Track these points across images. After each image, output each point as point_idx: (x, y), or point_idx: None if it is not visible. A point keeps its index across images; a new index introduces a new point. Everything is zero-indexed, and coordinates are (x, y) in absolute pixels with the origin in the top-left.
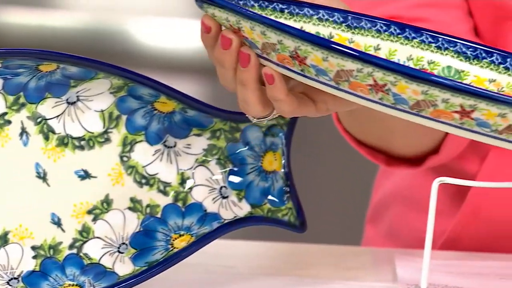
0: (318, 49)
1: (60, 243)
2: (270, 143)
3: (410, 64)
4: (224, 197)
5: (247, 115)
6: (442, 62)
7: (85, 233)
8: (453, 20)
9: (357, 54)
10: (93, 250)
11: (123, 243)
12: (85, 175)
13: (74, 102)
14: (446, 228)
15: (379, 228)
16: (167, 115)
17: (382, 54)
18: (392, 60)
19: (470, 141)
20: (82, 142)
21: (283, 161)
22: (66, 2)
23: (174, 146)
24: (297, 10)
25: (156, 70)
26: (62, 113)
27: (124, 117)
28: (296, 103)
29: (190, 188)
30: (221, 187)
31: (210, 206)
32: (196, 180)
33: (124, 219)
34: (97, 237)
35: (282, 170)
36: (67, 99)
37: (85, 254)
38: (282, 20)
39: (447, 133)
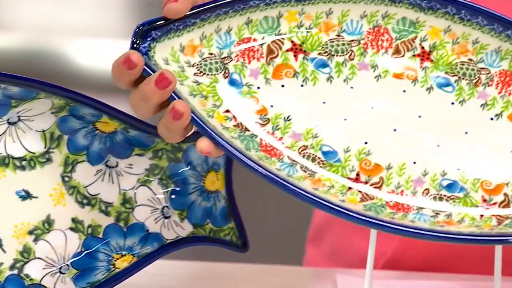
0: None
1: (1, 264)
2: (212, 162)
3: (364, 22)
4: (166, 217)
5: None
6: (398, 13)
7: (26, 254)
8: None
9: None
10: (34, 270)
11: (65, 264)
12: (26, 195)
13: (15, 122)
14: (388, 248)
15: (321, 248)
16: (108, 135)
17: (334, 17)
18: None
19: None
20: (23, 162)
21: (225, 181)
22: (2, 23)
23: (116, 166)
24: (242, 6)
25: (93, 91)
26: (3, 133)
27: (65, 137)
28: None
29: (132, 208)
30: (163, 207)
31: (152, 226)
32: (138, 200)
33: (66, 239)
34: (38, 258)
35: (224, 189)
36: (8, 119)
37: (26, 275)
38: (227, 21)
39: None
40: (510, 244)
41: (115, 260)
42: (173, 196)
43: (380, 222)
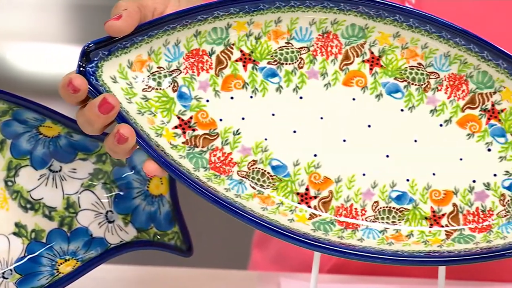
0: None
1: None
2: None
3: (313, 29)
4: (110, 222)
5: None
6: (347, 20)
7: None
8: None
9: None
10: None
11: (8, 269)
12: None
13: None
14: None
15: (266, 252)
16: (52, 139)
17: (283, 25)
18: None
19: None
20: None
21: (169, 185)
22: None
23: (60, 170)
24: (190, 20)
25: (35, 95)
26: None
27: (8, 141)
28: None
29: (76, 213)
30: (107, 212)
31: (96, 231)
32: (82, 205)
33: (9, 244)
34: None
35: (169, 194)
36: None
37: None
38: (176, 34)
39: None
40: (457, 264)
41: (59, 265)
42: (117, 201)
43: (328, 246)
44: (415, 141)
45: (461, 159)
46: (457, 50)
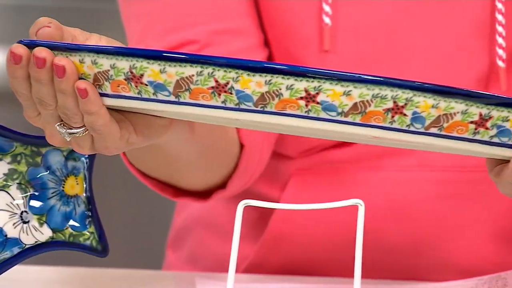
0: (154, 61)
1: None
2: (71, 167)
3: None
4: (25, 222)
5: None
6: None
7: None
8: (249, 48)
9: (195, 57)
10: None
11: None
12: None
13: None
14: (249, 253)
15: (181, 253)
16: None
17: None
18: (231, 57)
19: (270, 170)
20: None
21: (85, 185)
22: None
23: None
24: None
25: None
26: None
27: None
28: (109, 118)
29: None
30: (22, 212)
31: (11, 231)
32: None
33: None
34: None
35: (84, 194)
36: None
37: None
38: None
39: (234, 170)
40: None
41: None
42: (32, 201)
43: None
44: None
45: None
46: None
